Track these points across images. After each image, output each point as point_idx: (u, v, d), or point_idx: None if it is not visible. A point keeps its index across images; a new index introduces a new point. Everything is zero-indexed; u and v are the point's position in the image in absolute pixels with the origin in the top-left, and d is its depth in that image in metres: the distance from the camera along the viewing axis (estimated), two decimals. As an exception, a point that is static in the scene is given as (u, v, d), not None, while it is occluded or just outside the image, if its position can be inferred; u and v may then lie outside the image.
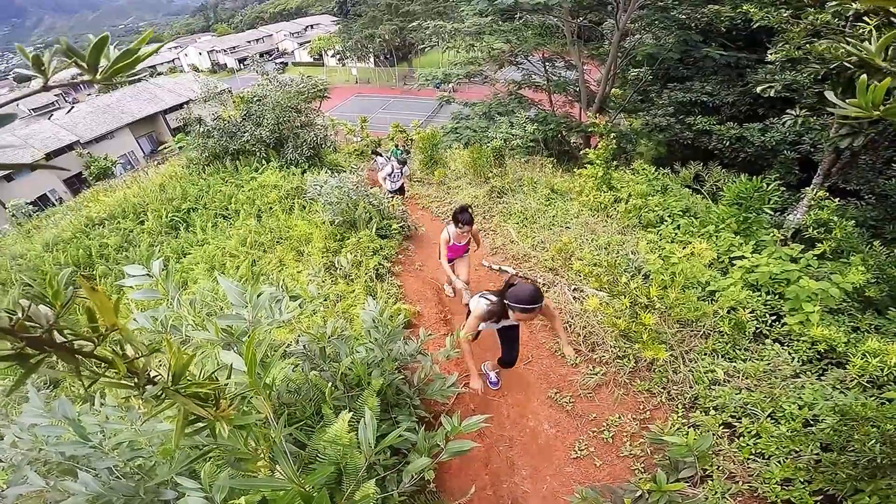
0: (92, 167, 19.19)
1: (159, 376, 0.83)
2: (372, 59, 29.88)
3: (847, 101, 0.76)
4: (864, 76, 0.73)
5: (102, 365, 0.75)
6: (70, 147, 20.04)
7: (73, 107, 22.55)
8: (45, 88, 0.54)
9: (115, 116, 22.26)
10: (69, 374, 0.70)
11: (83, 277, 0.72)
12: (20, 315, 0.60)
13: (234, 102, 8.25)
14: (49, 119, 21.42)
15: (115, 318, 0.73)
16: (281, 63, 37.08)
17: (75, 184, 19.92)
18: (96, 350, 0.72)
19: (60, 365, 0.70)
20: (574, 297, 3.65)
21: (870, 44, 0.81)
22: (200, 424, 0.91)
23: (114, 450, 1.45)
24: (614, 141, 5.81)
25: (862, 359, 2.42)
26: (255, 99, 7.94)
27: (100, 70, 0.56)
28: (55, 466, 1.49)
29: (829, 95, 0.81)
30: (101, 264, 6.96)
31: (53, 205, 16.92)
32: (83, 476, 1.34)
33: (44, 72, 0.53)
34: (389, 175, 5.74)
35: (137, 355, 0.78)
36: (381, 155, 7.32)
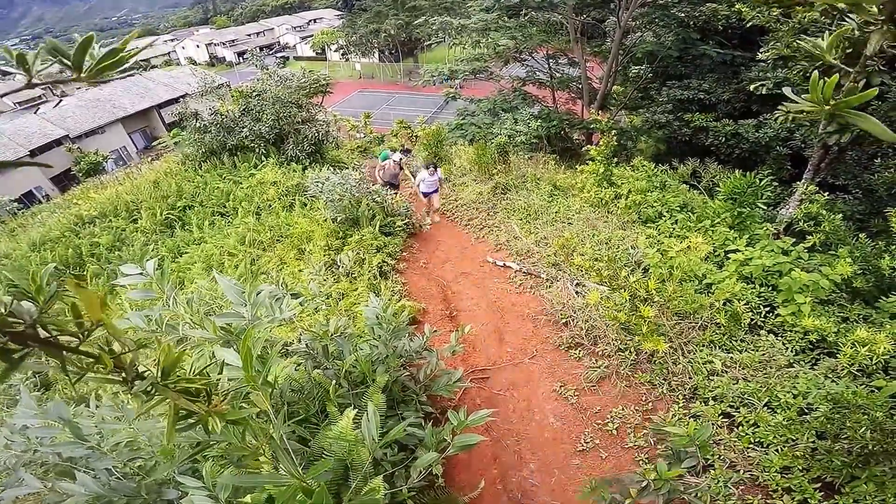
0: (81, 163, 18.74)
1: (148, 372, 0.82)
2: (376, 55, 29.40)
3: (803, 97, 0.80)
4: (816, 73, 0.77)
5: (86, 361, 0.74)
6: (58, 142, 19.52)
7: (61, 100, 21.90)
8: (30, 85, 0.56)
9: (106, 111, 21.70)
10: (55, 370, 0.70)
11: (72, 276, 0.70)
12: (2, 311, 0.60)
13: (232, 97, 8.10)
14: (35, 113, 20.79)
15: (101, 313, 0.72)
16: (282, 57, 36.27)
17: (63, 180, 19.41)
18: (83, 346, 0.71)
19: (46, 361, 0.70)
20: (576, 292, 3.69)
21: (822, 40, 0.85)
22: (192, 421, 0.90)
23: (112, 450, 1.45)
24: (615, 138, 5.85)
25: (851, 348, 2.49)
26: (254, 94, 7.79)
27: (86, 68, 0.57)
28: (52, 468, 1.48)
29: (787, 92, 0.85)
30: (92, 264, 6.83)
31: (39, 202, 16.50)
32: (82, 477, 1.33)
33: (28, 70, 0.55)
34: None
35: (124, 351, 0.77)
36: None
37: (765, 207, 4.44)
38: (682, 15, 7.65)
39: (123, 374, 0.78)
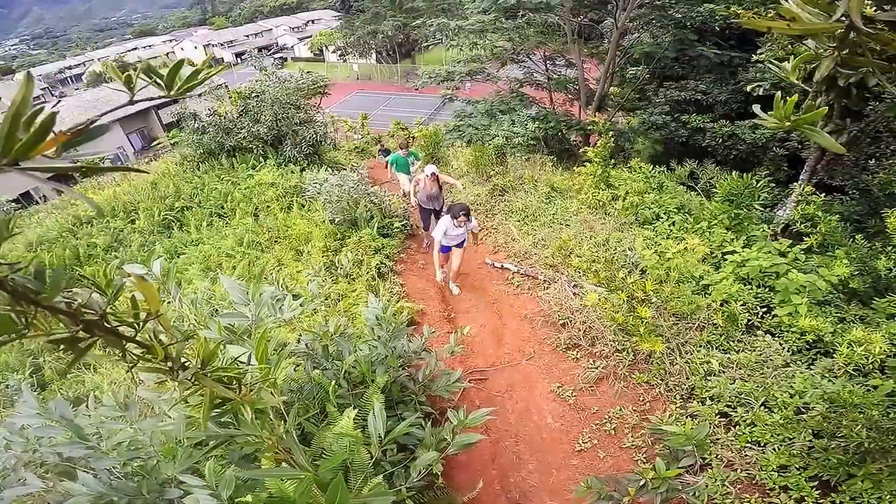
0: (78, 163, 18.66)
1: (189, 362, 0.86)
2: (374, 56, 29.45)
3: (768, 113, 0.90)
4: (779, 93, 0.87)
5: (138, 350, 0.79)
6: (56, 143, 19.41)
7: (59, 101, 21.88)
8: (131, 102, 0.64)
9: (103, 111, 21.63)
10: (110, 357, 0.74)
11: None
12: (80, 301, 0.63)
13: (230, 98, 8.11)
14: (33, 115, 20.68)
15: (159, 306, 0.76)
16: (280, 58, 36.38)
17: (60, 181, 19.29)
18: (135, 336, 0.75)
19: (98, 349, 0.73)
20: (574, 294, 3.71)
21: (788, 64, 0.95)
22: (217, 412, 0.95)
23: (113, 450, 1.45)
24: (612, 139, 5.88)
25: (848, 348, 2.52)
26: (252, 94, 7.80)
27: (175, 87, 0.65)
28: (52, 468, 1.48)
29: (756, 109, 0.92)
30: (89, 265, 6.81)
31: (37, 203, 16.44)
32: (83, 476, 1.33)
33: (132, 89, 0.63)
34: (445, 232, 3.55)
35: (173, 341, 0.81)
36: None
37: (762, 209, 4.47)
38: (679, 15, 7.70)
39: (170, 364, 0.83)
